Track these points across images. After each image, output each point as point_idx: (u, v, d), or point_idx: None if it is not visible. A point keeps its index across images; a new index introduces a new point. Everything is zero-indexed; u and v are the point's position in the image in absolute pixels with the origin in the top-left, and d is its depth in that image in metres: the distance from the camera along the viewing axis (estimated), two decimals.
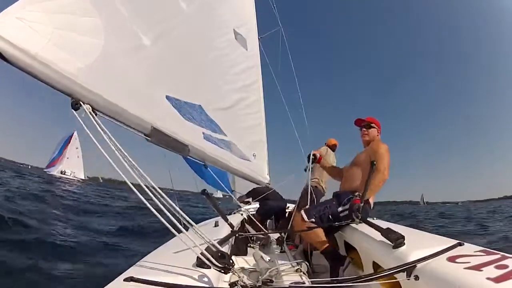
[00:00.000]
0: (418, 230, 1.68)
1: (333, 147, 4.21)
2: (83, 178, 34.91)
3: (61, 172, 33.55)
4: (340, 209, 1.90)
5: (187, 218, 1.24)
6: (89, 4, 1.33)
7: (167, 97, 1.81)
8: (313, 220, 1.91)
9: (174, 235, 1.21)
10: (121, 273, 1.15)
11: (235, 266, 2.12)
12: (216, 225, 2.50)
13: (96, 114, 1.23)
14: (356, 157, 2.23)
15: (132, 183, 1.18)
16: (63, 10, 1.21)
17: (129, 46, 1.58)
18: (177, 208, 1.21)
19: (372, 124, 2.27)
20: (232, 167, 2.50)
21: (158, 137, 1.55)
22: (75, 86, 1.18)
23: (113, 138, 1.19)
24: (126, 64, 1.51)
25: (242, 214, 3.15)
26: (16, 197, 7.77)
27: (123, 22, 1.55)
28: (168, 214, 1.17)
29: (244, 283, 1.20)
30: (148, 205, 1.12)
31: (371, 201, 1.97)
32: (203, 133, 2.10)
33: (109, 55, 1.36)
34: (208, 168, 2.38)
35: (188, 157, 1.86)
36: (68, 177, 32.85)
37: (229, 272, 1.15)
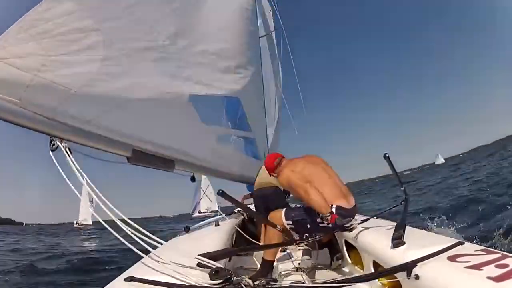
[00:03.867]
0: (418, 229, 1.67)
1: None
2: (216, 209, 35.78)
3: (199, 212, 34.76)
4: (319, 220, 1.80)
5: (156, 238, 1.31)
6: (89, 19, 1.16)
7: (190, 96, 1.70)
8: (290, 222, 1.88)
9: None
10: (121, 273, 1.16)
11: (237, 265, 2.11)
12: (217, 224, 2.50)
13: (72, 153, 1.16)
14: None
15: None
16: (58, 32, 1.06)
17: (139, 50, 1.41)
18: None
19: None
20: (234, 173, 2.43)
21: (138, 159, 1.47)
22: (53, 123, 1.07)
23: (86, 178, 1.16)
24: (131, 73, 1.35)
25: (242, 214, 3.16)
26: None
27: (130, 27, 1.37)
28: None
29: (247, 282, 1.19)
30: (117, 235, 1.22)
31: (341, 203, 1.82)
32: (219, 135, 2.06)
33: (107, 70, 1.21)
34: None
35: (174, 172, 1.80)
36: (206, 213, 33.90)
37: (231, 285, 1.13)
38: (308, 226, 1.85)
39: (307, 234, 1.92)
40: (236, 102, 2.18)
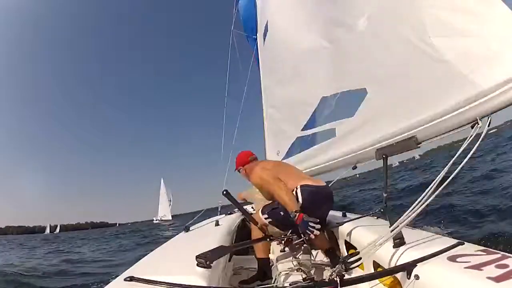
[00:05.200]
0: (418, 230, 1.68)
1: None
2: None
3: None
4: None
5: None
6: None
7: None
8: (266, 216, 1.90)
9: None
10: (122, 273, 1.16)
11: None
12: (217, 224, 2.50)
13: None
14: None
15: None
16: None
17: None
18: None
19: (238, 169, 2.28)
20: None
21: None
22: None
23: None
24: None
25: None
26: None
27: None
28: None
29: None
30: None
31: (306, 182, 1.86)
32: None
33: None
34: None
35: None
36: None
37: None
38: (282, 213, 1.82)
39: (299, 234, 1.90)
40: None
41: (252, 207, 3.61)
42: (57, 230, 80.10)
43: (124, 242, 12.47)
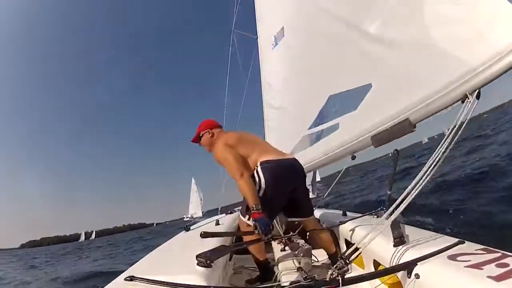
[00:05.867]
0: (419, 228, 1.67)
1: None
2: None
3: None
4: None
5: None
6: None
7: None
8: (247, 217, 1.76)
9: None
10: (122, 272, 1.16)
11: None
12: (217, 223, 2.51)
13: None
14: None
15: None
16: None
17: None
18: None
19: (200, 135, 2.00)
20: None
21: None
22: None
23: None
24: None
25: None
26: None
27: None
28: None
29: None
30: None
31: (266, 158, 1.73)
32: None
33: None
34: None
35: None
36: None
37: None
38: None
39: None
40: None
41: None
42: (93, 236, 79.56)
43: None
